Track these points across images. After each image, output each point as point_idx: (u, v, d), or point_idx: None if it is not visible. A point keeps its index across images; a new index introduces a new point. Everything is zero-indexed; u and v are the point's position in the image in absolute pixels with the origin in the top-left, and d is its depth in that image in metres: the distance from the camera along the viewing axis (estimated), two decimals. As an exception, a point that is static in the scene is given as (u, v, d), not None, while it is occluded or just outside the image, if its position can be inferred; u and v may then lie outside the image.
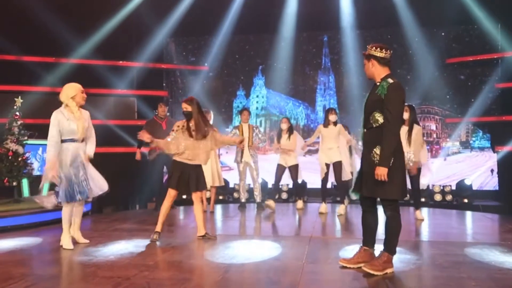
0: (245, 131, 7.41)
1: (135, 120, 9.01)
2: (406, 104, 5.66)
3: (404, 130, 5.82)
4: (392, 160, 3.53)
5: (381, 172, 3.49)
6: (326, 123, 6.95)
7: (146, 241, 4.92)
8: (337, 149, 6.88)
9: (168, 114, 7.76)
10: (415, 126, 6.05)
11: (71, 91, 4.66)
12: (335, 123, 6.93)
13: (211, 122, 7.40)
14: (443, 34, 9.10)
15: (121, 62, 9.24)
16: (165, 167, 7.51)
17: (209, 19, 9.29)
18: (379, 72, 3.70)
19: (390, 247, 3.72)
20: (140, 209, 8.52)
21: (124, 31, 8.72)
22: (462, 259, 4.16)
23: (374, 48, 3.71)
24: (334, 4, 8.94)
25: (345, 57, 9.51)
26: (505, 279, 3.56)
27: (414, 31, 8.95)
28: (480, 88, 8.90)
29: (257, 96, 10.01)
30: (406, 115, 5.90)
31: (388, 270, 3.69)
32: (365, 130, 3.75)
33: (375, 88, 3.70)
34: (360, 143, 6.98)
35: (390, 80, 3.60)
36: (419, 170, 6.14)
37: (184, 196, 8.95)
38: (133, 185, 8.56)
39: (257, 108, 9.99)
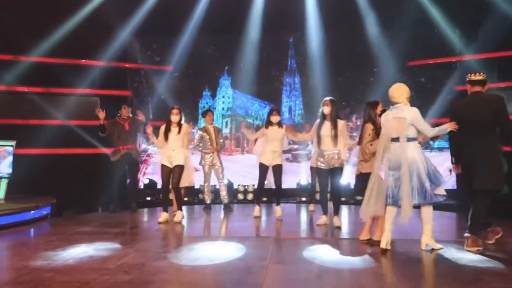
0: (211, 133, 7.38)
1: (98, 120, 8.76)
2: (327, 98, 5.73)
3: (327, 126, 5.63)
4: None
5: None
6: (267, 124, 6.57)
7: (108, 244, 4.80)
8: (281, 152, 6.54)
9: (131, 115, 7.60)
10: (339, 121, 5.66)
11: (407, 92, 4.60)
12: (279, 124, 6.55)
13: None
14: (405, 37, 9.29)
15: (83, 60, 9.00)
16: (127, 168, 7.41)
17: (175, 19, 9.17)
18: None
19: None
20: (103, 211, 8.29)
21: (87, 29, 8.47)
22: (422, 256, 4.29)
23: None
24: (299, 6, 9.01)
25: (310, 58, 9.59)
26: (461, 275, 3.69)
27: (377, 34, 9.14)
28: (440, 90, 9.18)
29: (223, 97, 9.97)
30: (327, 110, 5.63)
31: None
32: None
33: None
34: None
35: None
36: (341, 169, 5.72)
37: (149, 198, 8.84)
38: (96, 187, 8.35)
39: (223, 108, 9.95)
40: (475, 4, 7.93)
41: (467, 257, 4.19)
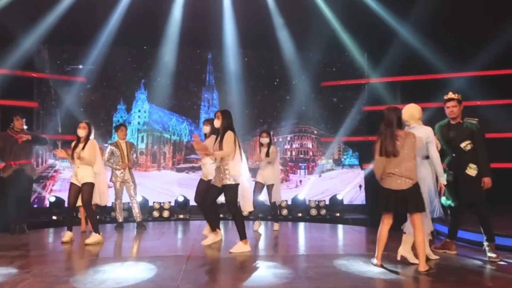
0: (123, 148, 7.11)
1: (-1, 132, 8.04)
2: (219, 110, 5.47)
3: (218, 139, 5.27)
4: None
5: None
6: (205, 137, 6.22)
7: (2, 270, 4.36)
8: (210, 165, 5.99)
9: (26, 127, 7.03)
10: (227, 133, 5.20)
11: (419, 112, 4.73)
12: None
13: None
14: (319, 59, 9.73)
15: (-16, 68, 8.26)
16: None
17: (88, 28, 8.73)
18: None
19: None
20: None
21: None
22: (331, 271, 4.40)
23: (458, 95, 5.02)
24: (217, 22, 9.05)
25: (229, 75, 9.67)
26: (366, 287, 3.85)
27: (292, 55, 9.48)
28: (350, 110, 9.74)
29: (139, 111, 9.67)
30: (217, 123, 5.30)
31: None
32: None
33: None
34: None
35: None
36: (229, 186, 5.19)
37: (55, 217, 8.24)
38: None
39: (139, 123, 9.64)
40: (381, 31, 8.53)
41: (373, 269, 4.39)
